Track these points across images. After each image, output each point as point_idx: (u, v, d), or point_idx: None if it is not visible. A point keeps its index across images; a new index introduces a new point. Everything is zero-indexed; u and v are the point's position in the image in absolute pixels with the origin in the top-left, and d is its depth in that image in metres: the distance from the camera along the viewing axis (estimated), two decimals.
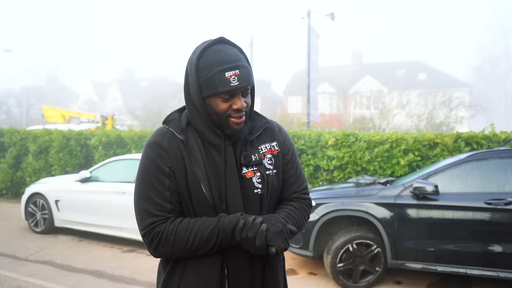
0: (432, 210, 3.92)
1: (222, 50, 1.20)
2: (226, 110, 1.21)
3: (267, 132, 1.37)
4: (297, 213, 1.35)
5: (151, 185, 1.23)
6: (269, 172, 1.31)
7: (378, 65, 33.55)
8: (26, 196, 6.62)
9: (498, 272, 3.73)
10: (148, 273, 4.61)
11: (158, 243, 1.21)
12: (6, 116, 33.94)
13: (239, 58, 1.20)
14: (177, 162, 1.23)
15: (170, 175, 1.23)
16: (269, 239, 1.15)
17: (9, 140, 9.98)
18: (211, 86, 1.18)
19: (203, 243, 1.19)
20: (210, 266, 1.24)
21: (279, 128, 1.41)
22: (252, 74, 1.22)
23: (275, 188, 1.32)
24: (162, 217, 1.22)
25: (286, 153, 1.38)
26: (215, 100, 1.21)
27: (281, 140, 1.38)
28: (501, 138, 5.67)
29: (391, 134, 6.36)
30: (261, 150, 1.32)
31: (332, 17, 11.48)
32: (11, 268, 4.70)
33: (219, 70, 1.17)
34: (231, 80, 1.17)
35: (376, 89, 22.31)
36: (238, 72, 1.18)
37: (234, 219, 1.19)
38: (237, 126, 1.23)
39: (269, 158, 1.32)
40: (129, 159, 6.18)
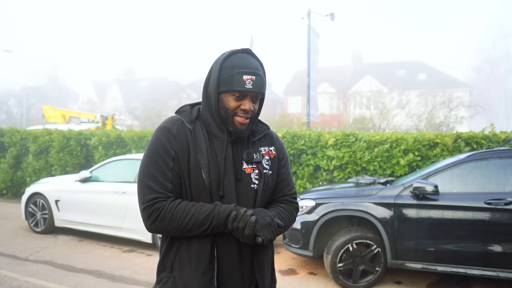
0: (432, 210, 3.92)
1: (246, 58, 1.38)
2: (234, 108, 1.37)
3: (266, 138, 1.54)
4: (285, 214, 1.49)
5: (157, 164, 1.35)
6: (266, 171, 1.45)
7: (378, 65, 33.55)
8: (26, 196, 6.63)
9: (498, 272, 3.73)
10: (148, 273, 4.61)
11: (156, 218, 1.32)
12: (6, 116, 33.96)
13: (258, 68, 1.38)
14: (182, 148, 1.37)
15: (174, 158, 1.36)
16: (257, 230, 1.29)
17: (9, 140, 9.99)
18: (228, 84, 1.35)
19: (197, 225, 1.32)
20: (201, 246, 1.36)
21: (276, 137, 1.58)
22: (265, 85, 1.40)
23: (269, 187, 1.46)
24: (163, 195, 1.34)
25: (281, 158, 1.54)
26: (227, 97, 1.36)
27: (278, 146, 1.54)
28: (501, 138, 5.67)
29: (391, 134, 6.37)
30: (261, 151, 1.47)
31: (332, 17, 11.47)
32: (11, 268, 4.70)
33: (239, 71, 1.34)
34: (246, 82, 1.34)
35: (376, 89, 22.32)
36: (254, 78, 1.35)
37: (228, 209, 1.32)
38: (240, 126, 1.38)
39: (267, 160, 1.48)
40: (129, 159, 6.18)
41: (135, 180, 5.70)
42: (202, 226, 1.32)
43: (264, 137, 1.53)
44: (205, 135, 1.41)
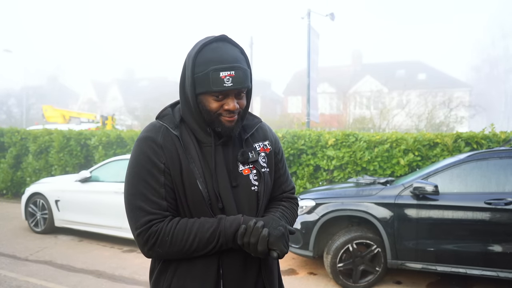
0: (432, 210, 3.92)
1: (222, 48, 1.18)
2: (217, 110, 1.19)
3: (259, 132, 1.38)
4: (289, 213, 1.39)
5: (145, 181, 1.18)
6: (264, 170, 1.32)
7: (378, 65, 33.55)
8: (26, 196, 6.63)
9: (498, 272, 3.73)
10: (148, 273, 4.61)
11: (154, 243, 1.16)
12: (6, 116, 33.96)
13: (237, 59, 1.18)
14: (172, 158, 1.20)
15: (165, 171, 1.19)
16: (271, 244, 1.14)
17: (9, 140, 9.99)
18: (205, 84, 1.16)
19: (203, 245, 1.17)
20: (206, 266, 1.21)
21: (269, 129, 1.44)
22: (249, 76, 1.20)
23: (270, 186, 1.35)
24: (159, 216, 1.18)
25: (277, 152, 1.41)
26: (207, 98, 1.19)
27: (272, 140, 1.40)
28: (501, 138, 5.67)
29: (391, 134, 6.37)
30: (256, 148, 1.33)
31: (332, 17, 11.47)
32: (11, 268, 4.70)
33: (215, 68, 1.15)
34: (225, 80, 1.15)
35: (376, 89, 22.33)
36: (233, 73, 1.15)
37: (235, 222, 1.17)
38: (228, 124, 1.21)
39: (263, 157, 1.34)
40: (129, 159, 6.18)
41: None
42: (209, 245, 1.17)
43: (257, 131, 1.37)
44: (193, 140, 1.24)
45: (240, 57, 1.20)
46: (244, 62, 1.21)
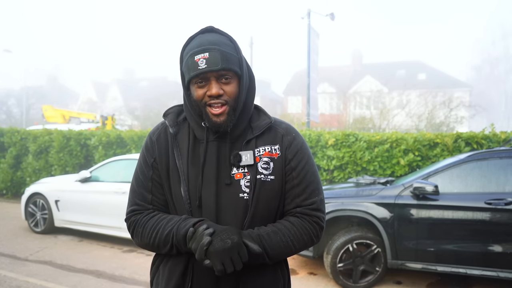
0: (432, 210, 3.92)
1: (203, 37, 1.16)
2: (202, 97, 1.14)
3: (270, 133, 1.24)
4: (292, 231, 1.18)
5: (137, 175, 1.27)
6: (262, 176, 1.18)
7: (378, 65, 33.55)
8: (26, 196, 6.63)
9: (498, 272, 3.73)
10: (148, 273, 4.60)
11: (132, 232, 1.24)
12: (6, 116, 33.94)
13: (215, 43, 1.13)
14: (161, 155, 1.23)
15: (153, 166, 1.23)
16: (208, 254, 1.05)
17: (9, 140, 9.98)
18: (186, 72, 1.15)
19: (162, 243, 1.17)
20: (174, 266, 1.20)
21: (287, 131, 1.25)
22: (230, 59, 1.13)
23: (269, 196, 1.18)
24: (141, 207, 1.23)
25: (291, 159, 1.21)
26: (193, 87, 1.16)
27: (285, 144, 1.22)
28: (501, 138, 5.67)
29: (391, 134, 6.37)
30: (258, 151, 1.20)
31: (332, 17, 11.48)
32: (11, 268, 4.70)
33: (190, 54, 1.13)
34: (199, 63, 1.11)
35: (376, 89, 22.33)
36: (207, 55, 1.10)
37: (188, 224, 1.11)
38: (215, 118, 1.15)
39: (264, 162, 1.19)
40: (129, 159, 6.18)
41: None
42: (166, 245, 1.15)
43: (267, 133, 1.23)
44: (190, 137, 1.22)
45: (222, 42, 1.15)
46: (228, 47, 1.15)
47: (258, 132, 1.22)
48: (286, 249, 1.17)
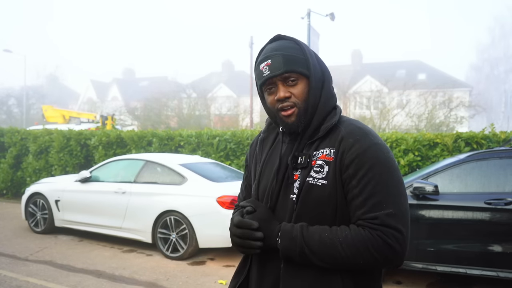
0: (432, 210, 3.93)
1: (269, 46, 1.20)
2: (273, 104, 1.18)
3: (333, 135, 1.15)
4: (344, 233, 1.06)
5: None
6: (312, 180, 1.12)
7: (378, 65, 33.54)
8: (26, 196, 6.63)
9: (498, 272, 3.73)
10: (148, 273, 4.62)
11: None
12: (6, 116, 33.95)
13: (278, 49, 1.16)
14: (251, 159, 1.37)
15: (247, 168, 1.39)
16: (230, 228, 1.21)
17: (9, 140, 9.99)
18: (257, 82, 1.22)
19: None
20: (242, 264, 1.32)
21: (349, 134, 1.12)
22: (292, 60, 1.14)
23: (318, 201, 1.11)
24: (238, 204, 1.38)
25: (348, 165, 1.09)
26: (265, 94, 1.21)
27: (343, 148, 1.10)
28: (501, 138, 5.68)
29: (391, 134, 6.37)
30: (316, 154, 1.14)
31: (332, 17, 11.48)
32: (11, 268, 4.70)
33: (257, 64, 1.20)
34: (263, 71, 1.16)
35: (376, 89, 22.31)
36: (270, 61, 1.14)
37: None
38: (286, 119, 1.16)
39: (319, 165, 1.12)
40: (129, 159, 6.19)
41: (135, 180, 5.71)
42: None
43: (330, 135, 1.15)
44: (276, 140, 1.27)
45: (286, 46, 1.17)
46: (293, 49, 1.16)
47: (321, 133, 1.16)
48: (331, 249, 1.05)
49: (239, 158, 7.56)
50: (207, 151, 7.73)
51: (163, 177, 5.59)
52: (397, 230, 1.03)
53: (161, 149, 8.17)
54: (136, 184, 5.64)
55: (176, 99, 25.63)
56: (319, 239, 1.06)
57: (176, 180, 5.42)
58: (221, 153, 7.63)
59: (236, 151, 7.61)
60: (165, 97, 25.22)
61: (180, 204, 5.16)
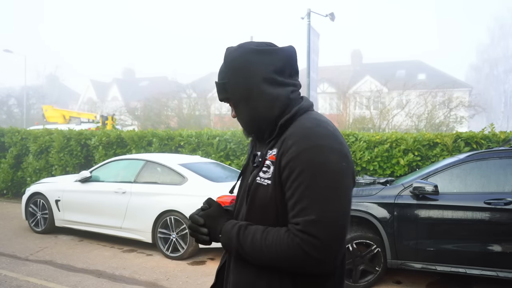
0: (432, 210, 3.93)
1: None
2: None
3: (280, 135, 1.15)
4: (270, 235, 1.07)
5: None
6: (259, 179, 1.14)
7: (378, 65, 33.53)
8: (26, 196, 6.64)
9: (497, 272, 3.74)
10: (148, 272, 4.62)
11: None
12: (7, 116, 33.95)
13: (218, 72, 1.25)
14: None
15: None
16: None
17: (9, 140, 9.99)
18: None
19: None
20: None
21: (291, 134, 1.10)
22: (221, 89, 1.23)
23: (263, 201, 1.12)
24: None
25: (284, 166, 1.07)
26: None
27: (283, 149, 1.09)
28: (500, 138, 5.68)
29: (391, 134, 6.38)
30: (269, 153, 1.16)
31: (332, 17, 11.46)
32: (11, 267, 4.71)
33: None
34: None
35: (376, 89, 22.30)
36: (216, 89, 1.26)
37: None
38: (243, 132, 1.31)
39: (267, 165, 1.14)
40: (129, 159, 6.19)
41: (135, 180, 5.71)
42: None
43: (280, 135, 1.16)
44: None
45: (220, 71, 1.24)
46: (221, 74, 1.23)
47: (274, 134, 1.17)
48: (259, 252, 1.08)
49: (239, 158, 7.57)
50: (207, 151, 7.73)
51: (163, 177, 5.59)
52: (315, 238, 1.00)
53: (161, 149, 8.18)
54: (136, 184, 5.65)
55: (176, 99, 25.61)
56: (251, 241, 1.09)
57: (176, 180, 5.43)
58: (221, 153, 7.64)
59: (236, 151, 7.61)
60: (165, 97, 25.20)
61: (180, 204, 5.17)
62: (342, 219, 1.03)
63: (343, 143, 1.10)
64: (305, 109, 1.17)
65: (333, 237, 1.01)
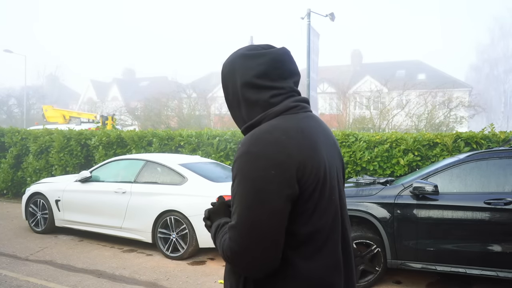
0: (432, 210, 3.93)
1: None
2: None
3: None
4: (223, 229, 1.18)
5: None
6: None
7: (378, 65, 33.55)
8: (26, 196, 6.64)
9: (497, 272, 3.74)
10: (148, 272, 4.62)
11: None
12: (7, 116, 33.95)
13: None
14: None
15: None
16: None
17: (9, 140, 10.00)
18: None
19: None
20: None
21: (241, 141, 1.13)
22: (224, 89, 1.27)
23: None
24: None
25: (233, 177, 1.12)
26: None
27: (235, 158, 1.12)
28: (500, 138, 5.68)
29: (391, 134, 6.38)
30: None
31: (332, 17, 11.46)
32: (11, 267, 4.71)
33: None
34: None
35: (376, 89, 22.31)
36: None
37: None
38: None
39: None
40: (129, 159, 6.19)
41: (135, 180, 5.71)
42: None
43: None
44: None
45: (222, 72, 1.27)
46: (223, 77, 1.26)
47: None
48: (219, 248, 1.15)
49: None
50: (207, 151, 7.74)
51: (163, 177, 5.59)
52: (231, 241, 1.05)
53: (161, 149, 8.18)
54: (136, 184, 5.65)
55: (176, 99, 25.62)
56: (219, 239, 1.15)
57: (176, 180, 5.43)
58: (221, 153, 7.64)
59: (236, 151, 7.61)
60: (165, 97, 25.21)
61: (180, 204, 5.17)
62: (255, 226, 1.02)
63: (285, 152, 1.05)
64: (275, 114, 1.14)
65: (246, 243, 1.03)
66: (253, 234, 1.03)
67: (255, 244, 1.03)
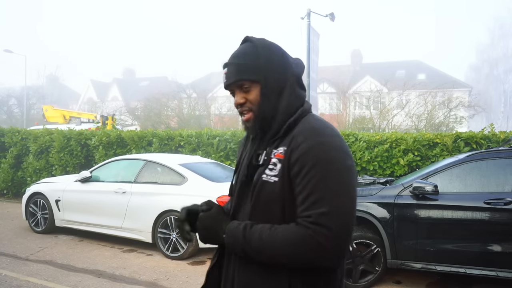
0: (432, 210, 3.94)
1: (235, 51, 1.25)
2: (236, 106, 1.25)
3: (288, 134, 1.18)
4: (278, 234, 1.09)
5: None
6: (266, 177, 1.16)
7: (378, 65, 33.54)
8: (26, 196, 6.64)
9: (497, 272, 3.74)
10: (148, 272, 4.62)
11: None
12: (7, 116, 33.93)
13: (234, 56, 1.22)
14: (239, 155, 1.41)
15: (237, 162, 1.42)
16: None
17: (10, 140, 10.00)
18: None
19: None
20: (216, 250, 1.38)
21: (300, 132, 1.14)
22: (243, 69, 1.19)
23: (269, 198, 1.15)
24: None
25: (294, 163, 1.10)
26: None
27: (292, 147, 1.12)
28: (500, 138, 5.69)
29: (391, 134, 6.38)
30: (275, 152, 1.18)
31: (332, 17, 11.46)
32: (11, 267, 4.71)
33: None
34: (223, 78, 1.25)
35: (376, 89, 22.30)
36: (226, 70, 1.23)
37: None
38: (246, 123, 1.25)
39: (273, 163, 1.16)
40: (129, 159, 6.20)
41: (135, 180, 5.71)
42: None
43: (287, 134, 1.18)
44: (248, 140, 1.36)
45: (243, 52, 1.22)
46: (247, 56, 1.20)
47: (281, 133, 1.19)
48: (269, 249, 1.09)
49: None
50: (207, 151, 7.74)
51: (163, 177, 5.60)
52: (328, 229, 1.04)
53: (161, 149, 8.18)
54: (136, 184, 5.66)
55: (176, 99, 25.61)
56: (259, 238, 1.10)
57: (176, 180, 5.44)
58: (221, 153, 7.64)
59: (236, 151, 7.62)
60: (165, 97, 25.20)
61: (180, 204, 5.12)
62: (351, 212, 1.08)
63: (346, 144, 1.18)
64: (307, 111, 1.23)
65: (343, 228, 1.06)
66: (346, 220, 1.07)
67: (349, 229, 1.08)
